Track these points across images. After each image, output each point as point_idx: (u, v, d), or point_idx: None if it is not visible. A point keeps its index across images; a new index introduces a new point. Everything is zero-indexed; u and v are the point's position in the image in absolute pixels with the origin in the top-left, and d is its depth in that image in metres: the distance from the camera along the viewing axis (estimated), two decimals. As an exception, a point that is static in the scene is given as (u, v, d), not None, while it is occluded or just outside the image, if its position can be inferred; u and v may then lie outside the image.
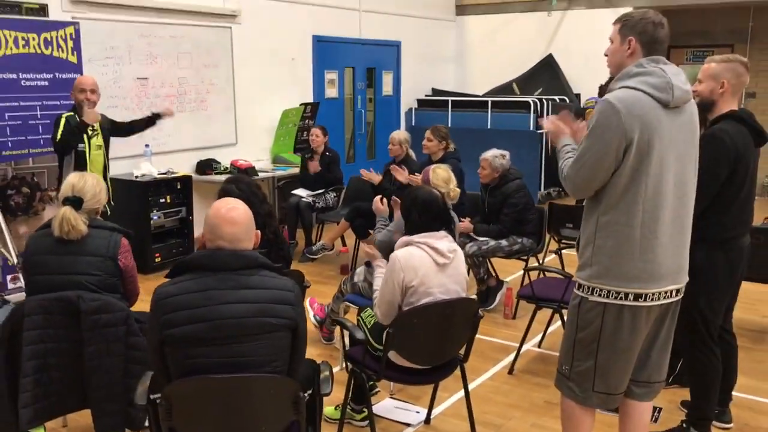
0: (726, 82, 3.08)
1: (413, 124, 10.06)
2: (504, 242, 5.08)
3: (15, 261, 5.05)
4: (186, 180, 6.51)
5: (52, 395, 2.89)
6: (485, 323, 4.26)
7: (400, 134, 6.08)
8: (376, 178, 5.97)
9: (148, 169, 6.27)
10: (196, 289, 2.21)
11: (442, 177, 4.06)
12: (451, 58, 10.94)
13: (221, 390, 2.21)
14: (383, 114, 9.86)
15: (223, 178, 7.03)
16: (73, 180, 3.08)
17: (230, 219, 2.29)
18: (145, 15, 6.51)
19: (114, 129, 5.20)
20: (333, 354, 4.36)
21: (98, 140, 4.90)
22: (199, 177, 6.93)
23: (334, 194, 6.81)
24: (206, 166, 7.11)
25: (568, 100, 9.70)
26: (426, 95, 10.38)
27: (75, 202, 2.99)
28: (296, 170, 7.50)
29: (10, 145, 5.27)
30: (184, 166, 6.96)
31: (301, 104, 8.13)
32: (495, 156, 5.06)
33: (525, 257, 5.21)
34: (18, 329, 2.85)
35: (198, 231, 6.97)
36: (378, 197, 4.21)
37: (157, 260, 6.23)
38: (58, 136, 4.70)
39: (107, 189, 3.21)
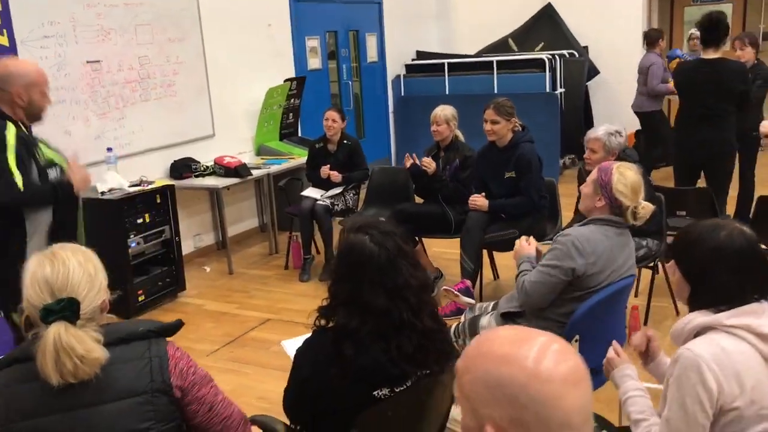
0: None
1: (402, 93, 8.71)
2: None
3: None
4: (166, 190, 4.98)
5: None
6: None
7: (446, 110, 4.72)
8: (431, 165, 4.64)
9: (117, 181, 4.73)
10: None
11: (632, 183, 2.54)
12: (432, 14, 9.55)
13: None
14: (370, 85, 8.43)
15: (207, 181, 5.60)
16: (43, 271, 1.56)
17: None
18: (90, -24, 4.91)
19: None
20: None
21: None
22: (179, 183, 5.41)
23: (353, 192, 5.44)
24: (184, 168, 5.60)
25: (577, 55, 8.53)
26: (412, 59, 8.99)
27: (67, 311, 1.52)
28: (294, 162, 6.10)
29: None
30: (156, 170, 5.45)
31: (285, 80, 6.65)
32: (609, 134, 3.76)
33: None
34: None
35: (186, 250, 5.53)
36: (524, 238, 2.88)
37: (140, 299, 4.74)
38: (20, 184, 2.81)
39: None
